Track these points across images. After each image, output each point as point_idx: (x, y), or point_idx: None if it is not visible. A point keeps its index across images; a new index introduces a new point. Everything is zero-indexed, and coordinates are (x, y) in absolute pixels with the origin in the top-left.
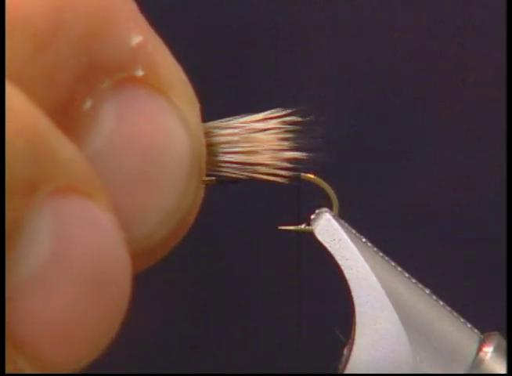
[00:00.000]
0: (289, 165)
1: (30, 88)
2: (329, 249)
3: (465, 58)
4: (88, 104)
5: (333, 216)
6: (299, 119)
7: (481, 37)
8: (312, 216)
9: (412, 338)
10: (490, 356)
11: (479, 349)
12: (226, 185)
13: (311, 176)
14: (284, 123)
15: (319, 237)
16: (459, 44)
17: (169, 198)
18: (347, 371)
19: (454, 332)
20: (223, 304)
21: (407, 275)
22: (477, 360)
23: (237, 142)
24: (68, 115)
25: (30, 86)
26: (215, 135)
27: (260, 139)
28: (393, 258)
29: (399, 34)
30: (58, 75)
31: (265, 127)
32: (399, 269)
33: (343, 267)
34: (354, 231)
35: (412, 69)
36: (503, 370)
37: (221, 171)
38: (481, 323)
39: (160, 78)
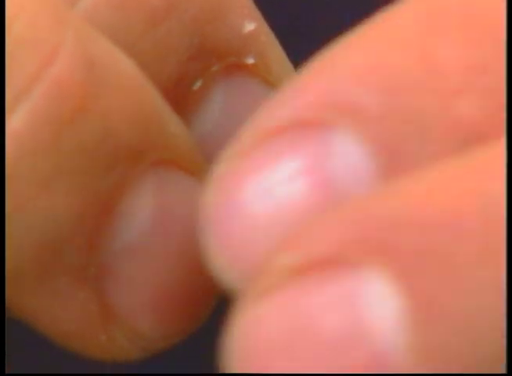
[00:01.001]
0: None
1: (141, 61)
2: None
3: None
4: (197, 85)
5: None
6: None
7: None
8: None
9: None
10: None
11: None
12: None
13: None
14: None
15: None
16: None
17: None
18: None
19: None
20: (222, 303)
21: None
22: None
23: None
24: (177, 94)
25: (142, 59)
26: None
27: None
28: None
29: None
30: (170, 52)
31: None
32: None
33: None
34: None
35: None
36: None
37: None
38: None
39: (270, 70)
